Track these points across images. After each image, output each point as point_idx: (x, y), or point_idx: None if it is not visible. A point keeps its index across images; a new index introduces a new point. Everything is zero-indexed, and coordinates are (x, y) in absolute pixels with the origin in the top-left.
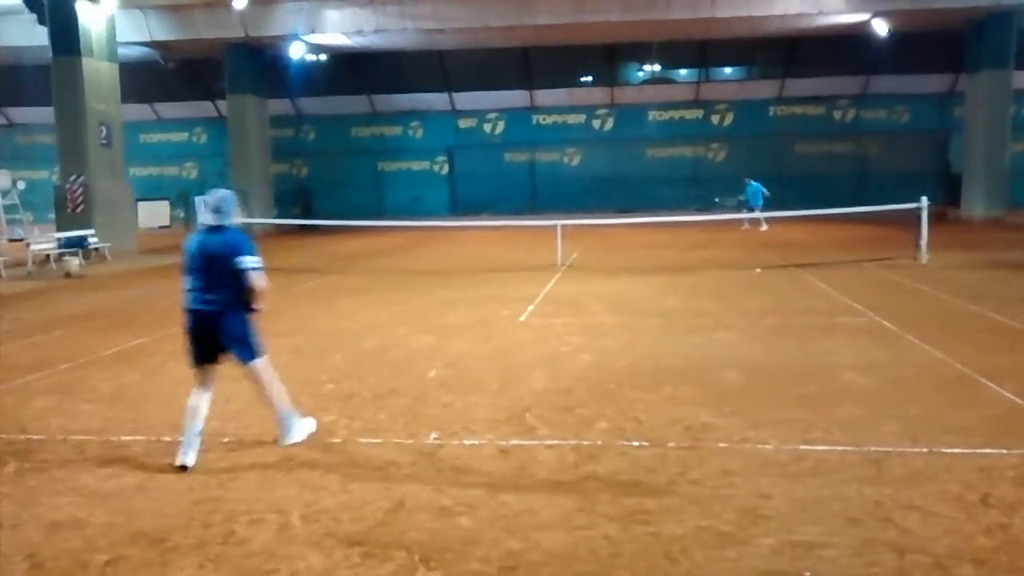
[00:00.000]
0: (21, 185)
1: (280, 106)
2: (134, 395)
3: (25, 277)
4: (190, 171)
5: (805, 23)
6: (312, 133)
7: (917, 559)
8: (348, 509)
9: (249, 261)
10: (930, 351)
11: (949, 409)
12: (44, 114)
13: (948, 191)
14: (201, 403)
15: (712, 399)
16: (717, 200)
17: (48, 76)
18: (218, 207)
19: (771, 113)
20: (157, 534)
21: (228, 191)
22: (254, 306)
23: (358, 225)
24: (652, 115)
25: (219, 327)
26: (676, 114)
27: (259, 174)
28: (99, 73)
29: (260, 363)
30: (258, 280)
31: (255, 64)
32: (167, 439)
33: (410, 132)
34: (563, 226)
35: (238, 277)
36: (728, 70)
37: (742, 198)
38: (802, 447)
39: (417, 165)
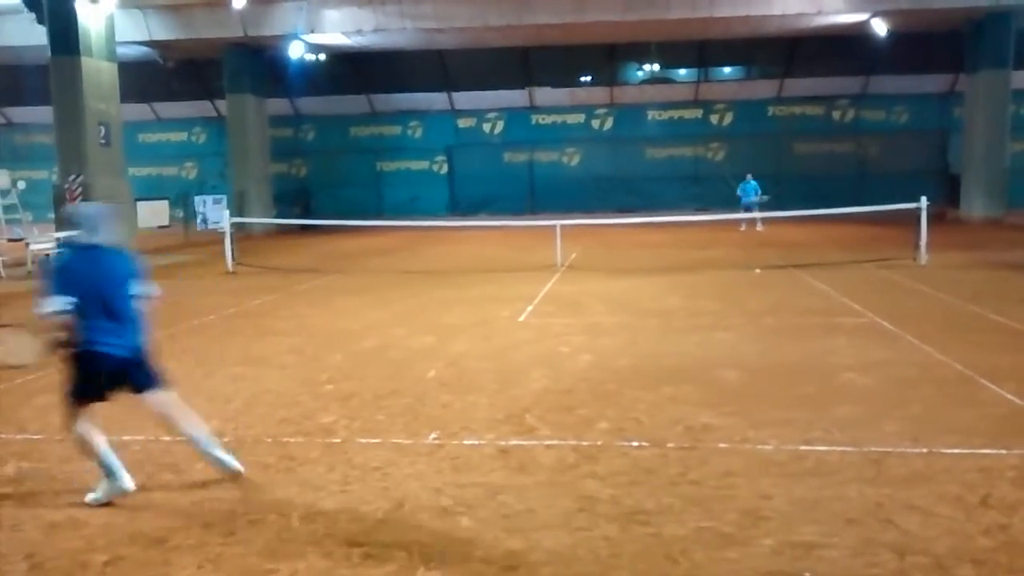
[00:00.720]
0: (21, 185)
1: (279, 106)
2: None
3: (25, 277)
4: (189, 171)
5: (804, 23)
6: (311, 133)
7: (917, 560)
8: (348, 509)
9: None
10: (930, 351)
11: (949, 409)
12: (43, 114)
13: (947, 191)
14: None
15: (712, 399)
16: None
17: (47, 75)
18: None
19: (770, 113)
20: (156, 534)
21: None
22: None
23: (357, 225)
24: (651, 115)
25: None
26: (675, 114)
27: (258, 174)
28: (98, 73)
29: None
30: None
31: (254, 64)
32: (166, 438)
33: (409, 132)
34: (562, 226)
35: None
36: (727, 70)
37: (751, 197)
38: (802, 447)
39: (416, 165)
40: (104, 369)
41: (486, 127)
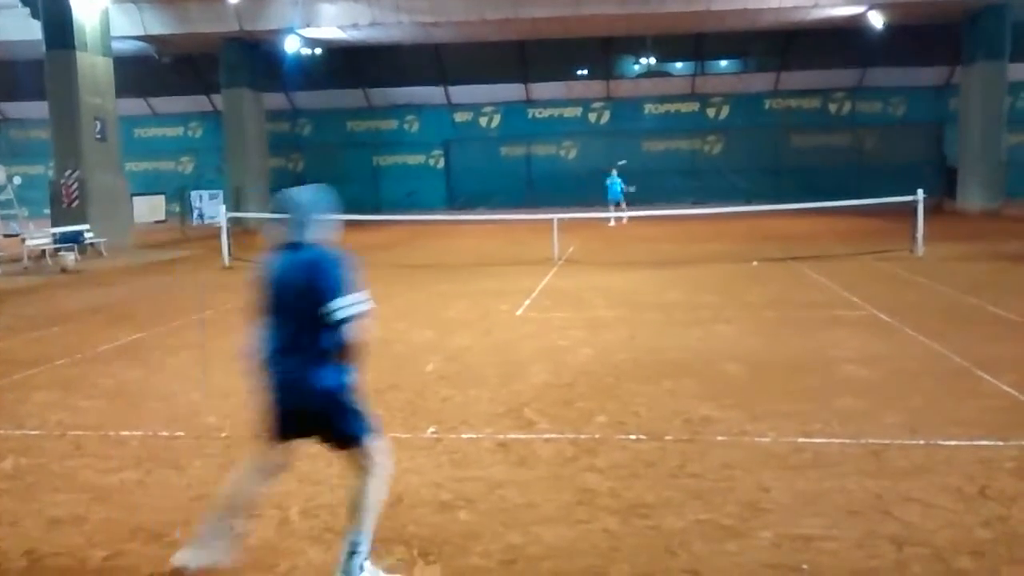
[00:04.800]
0: (17, 180)
1: (276, 100)
2: (133, 390)
3: (21, 273)
4: (186, 166)
5: (801, 16)
6: (308, 127)
7: (917, 551)
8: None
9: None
10: (928, 343)
11: (948, 401)
12: (38, 109)
13: (944, 183)
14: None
15: (712, 392)
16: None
17: (42, 70)
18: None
19: (767, 106)
20: (156, 529)
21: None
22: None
23: (354, 219)
24: (648, 108)
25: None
26: (672, 107)
27: (255, 168)
28: (93, 67)
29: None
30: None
31: (250, 58)
32: (165, 434)
33: (406, 126)
34: (559, 219)
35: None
36: (724, 63)
37: (617, 192)
38: (802, 440)
39: (413, 159)
40: (277, 406)
41: (483, 121)
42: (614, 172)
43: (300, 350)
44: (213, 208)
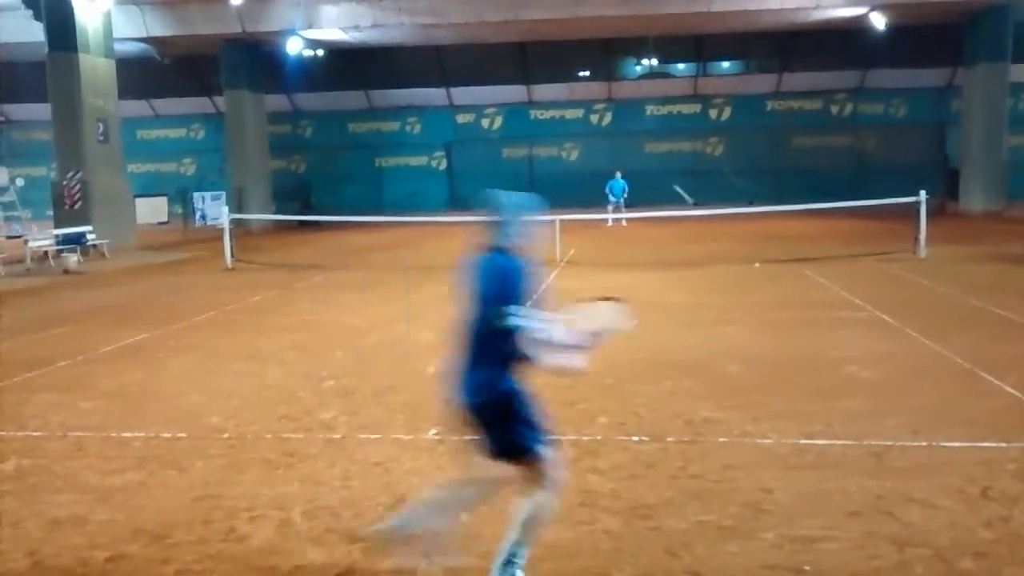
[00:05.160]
0: (19, 182)
1: (277, 102)
2: (135, 391)
3: (24, 274)
4: (188, 167)
5: (802, 17)
6: (309, 129)
7: (918, 552)
8: (349, 505)
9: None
10: (930, 345)
11: (950, 402)
12: (41, 110)
13: (946, 185)
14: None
15: (713, 393)
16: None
17: (44, 72)
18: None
19: (769, 107)
20: (158, 531)
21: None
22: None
23: (357, 221)
24: (650, 109)
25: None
26: (674, 108)
27: (257, 170)
28: (95, 69)
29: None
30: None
31: (252, 60)
32: (167, 435)
33: (408, 127)
34: (561, 221)
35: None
36: (725, 64)
37: (619, 195)
38: (803, 441)
39: (415, 160)
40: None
41: (485, 122)
42: (618, 174)
43: (477, 355)
44: (215, 209)
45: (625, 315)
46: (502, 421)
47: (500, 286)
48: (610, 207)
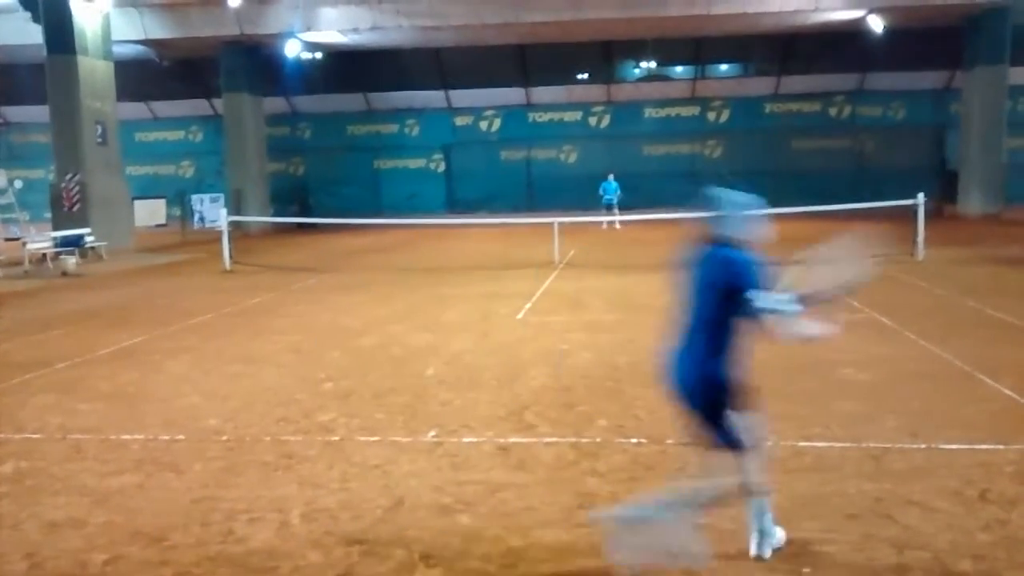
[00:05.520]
0: (18, 184)
1: (276, 104)
2: (132, 393)
3: (22, 276)
4: (186, 170)
5: (801, 20)
6: (308, 131)
7: (917, 555)
8: (347, 507)
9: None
10: (928, 347)
11: (948, 405)
12: (39, 113)
13: (944, 187)
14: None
15: None
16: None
17: (43, 74)
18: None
19: (767, 110)
20: (156, 533)
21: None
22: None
23: (355, 223)
24: (648, 112)
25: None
26: (672, 111)
27: (255, 172)
28: (94, 71)
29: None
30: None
31: (251, 62)
32: (165, 437)
33: (406, 130)
34: (560, 223)
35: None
36: (724, 67)
37: (611, 196)
38: (801, 443)
39: (414, 163)
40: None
41: (483, 125)
42: (610, 176)
43: (698, 343)
44: (214, 212)
45: (864, 264)
46: (718, 407)
47: (731, 277)
48: (604, 209)
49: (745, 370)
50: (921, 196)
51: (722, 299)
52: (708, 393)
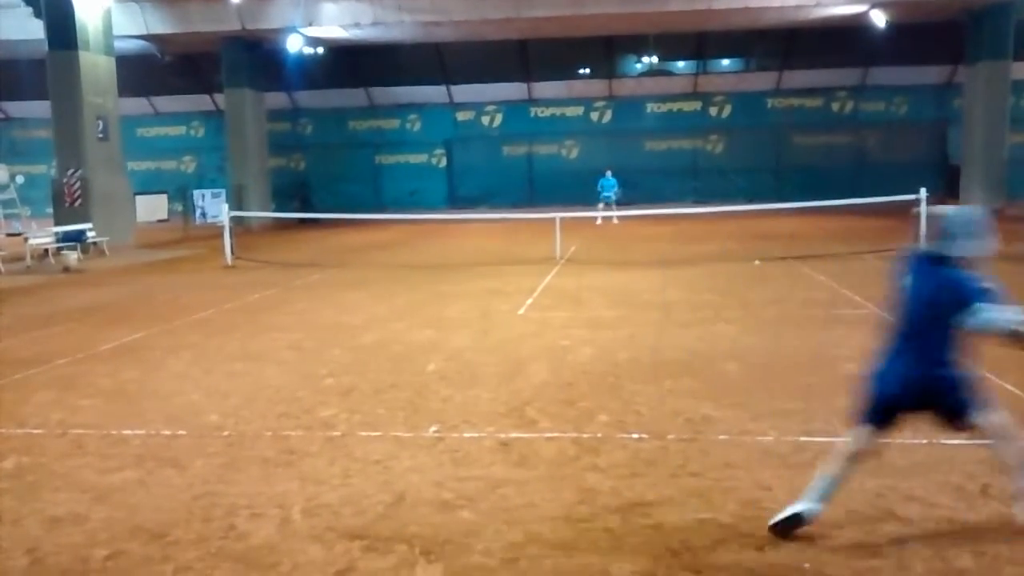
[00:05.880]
0: (19, 179)
1: (277, 99)
2: (133, 389)
3: (24, 272)
4: (188, 165)
5: (803, 15)
6: (309, 127)
7: (918, 550)
8: (349, 503)
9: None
10: None
11: None
12: (41, 108)
13: (947, 182)
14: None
15: (713, 391)
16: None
17: (44, 70)
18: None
19: (769, 105)
20: (157, 528)
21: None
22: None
23: (356, 219)
24: (650, 107)
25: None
26: (674, 106)
27: (257, 168)
28: (95, 67)
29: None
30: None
31: (252, 57)
32: (167, 433)
33: (408, 125)
34: (561, 219)
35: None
36: (726, 62)
37: (609, 192)
38: (803, 438)
39: (415, 158)
40: (878, 395)
41: (485, 120)
42: (608, 172)
43: (915, 351)
44: (215, 207)
45: None
46: (952, 395)
47: (955, 296)
48: (600, 205)
49: (970, 366)
50: (923, 191)
51: (942, 314)
52: (946, 394)
